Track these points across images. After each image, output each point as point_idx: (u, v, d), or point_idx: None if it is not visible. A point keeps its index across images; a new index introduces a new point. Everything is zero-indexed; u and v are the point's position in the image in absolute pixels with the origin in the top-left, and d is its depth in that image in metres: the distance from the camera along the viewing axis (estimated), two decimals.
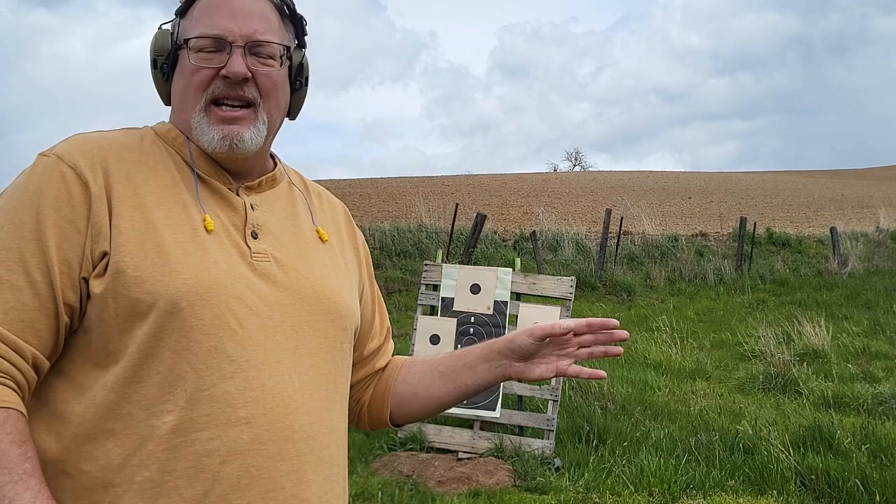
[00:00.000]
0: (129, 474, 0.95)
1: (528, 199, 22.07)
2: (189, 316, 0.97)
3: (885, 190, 29.14)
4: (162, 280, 0.97)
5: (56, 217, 0.97)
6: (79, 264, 0.98)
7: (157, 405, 0.96)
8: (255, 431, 0.99)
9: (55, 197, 0.98)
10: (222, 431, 0.97)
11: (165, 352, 0.97)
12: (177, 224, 1.02)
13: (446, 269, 5.20)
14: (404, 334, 7.97)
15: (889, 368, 7.06)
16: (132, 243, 0.98)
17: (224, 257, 1.03)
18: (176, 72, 1.09)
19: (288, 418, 1.01)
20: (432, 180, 28.54)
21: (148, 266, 0.97)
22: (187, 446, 0.96)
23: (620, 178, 34.59)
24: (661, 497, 4.11)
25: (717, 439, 4.79)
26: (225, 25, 1.05)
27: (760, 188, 30.54)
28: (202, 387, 0.97)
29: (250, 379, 0.99)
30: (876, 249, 13.94)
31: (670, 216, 18.95)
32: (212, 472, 0.96)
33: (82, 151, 1.02)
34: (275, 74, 1.09)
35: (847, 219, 17.13)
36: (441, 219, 14.03)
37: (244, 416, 0.98)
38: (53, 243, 0.97)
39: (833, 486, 4.12)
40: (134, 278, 0.97)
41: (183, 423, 0.96)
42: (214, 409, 0.97)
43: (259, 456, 0.99)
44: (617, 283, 11.55)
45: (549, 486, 4.21)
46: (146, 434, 0.96)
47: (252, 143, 1.07)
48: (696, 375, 6.90)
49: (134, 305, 0.96)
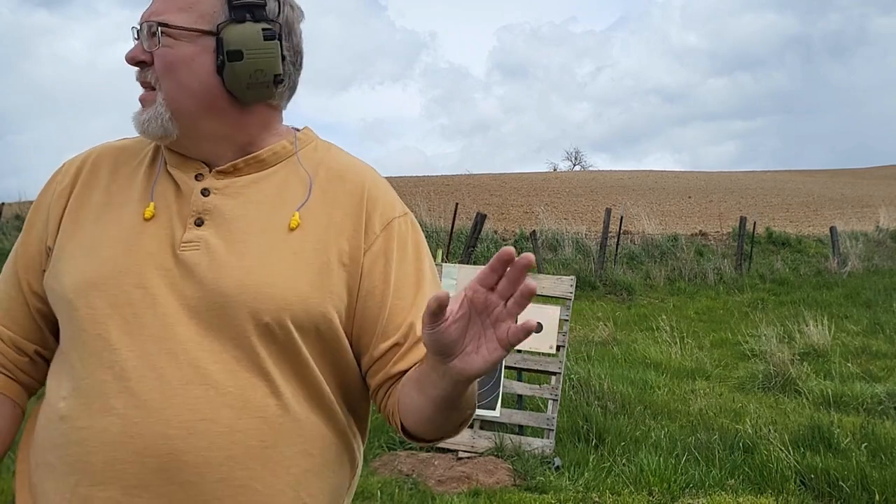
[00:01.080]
0: (37, 457, 1.02)
1: (528, 199, 22.07)
2: (79, 306, 1.00)
3: (885, 189, 29.14)
4: (72, 272, 1.02)
5: (35, 218, 1.11)
6: (41, 256, 1.09)
7: (58, 391, 1.01)
8: (123, 423, 0.95)
9: (40, 201, 1.12)
10: (93, 421, 0.96)
11: (66, 341, 1.03)
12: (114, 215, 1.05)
13: (446, 269, 5.20)
14: None
15: (889, 368, 7.06)
16: (66, 236, 1.06)
17: (148, 247, 1.01)
18: None
19: (164, 413, 0.95)
20: (432, 180, 28.54)
21: (68, 258, 1.04)
22: (68, 434, 0.98)
23: (620, 178, 34.59)
24: (661, 496, 4.11)
25: (717, 438, 4.79)
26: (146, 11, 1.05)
27: (760, 188, 30.54)
28: (83, 375, 0.99)
29: (129, 369, 0.96)
30: (876, 249, 13.94)
31: (670, 215, 18.96)
32: (82, 462, 0.96)
33: (78, 158, 1.12)
34: (169, 54, 1.01)
35: (847, 218, 17.13)
36: (441, 218, 14.04)
37: (115, 406, 0.95)
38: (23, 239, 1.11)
39: (833, 485, 4.12)
40: (57, 270, 1.04)
41: (67, 412, 0.99)
42: (90, 398, 0.97)
43: (124, 449, 0.94)
44: (617, 283, 11.56)
45: (549, 486, 4.22)
46: (49, 419, 1.01)
47: (153, 124, 1.02)
48: (696, 375, 6.90)
49: (55, 297, 1.04)
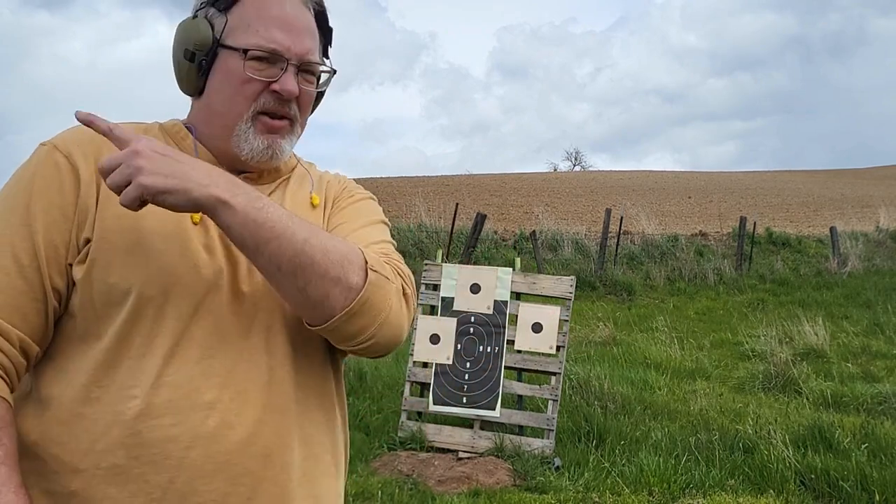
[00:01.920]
0: (96, 459, 0.95)
1: (528, 199, 22.07)
2: (162, 303, 0.98)
3: (885, 189, 29.14)
4: (138, 267, 0.98)
5: (46, 203, 1.00)
6: (66, 249, 1.00)
7: (125, 390, 0.96)
8: (221, 416, 0.98)
9: (46, 185, 1.01)
10: (184, 417, 0.96)
11: (137, 338, 0.98)
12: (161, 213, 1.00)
13: (446, 269, 5.21)
14: None
15: (889, 368, 7.06)
16: (113, 231, 1.00)
17: (203, 247, 1.03)
18: (217, 71, 1.08)
19: (256, 405, 1.01)
20: (432, 180, 28.54)
21: (125, 253, 0.99)
22: (150, 432, 0.95)
23: (620, 178, 34.59)
24: (661, 496, 4.11)
25: (717, 439, 4.79)
26: (282, 40, 1.06)
27: (760, 188, 30.54)
28: (167, 373, 0.97)
29: (216, 366, 0.99)
30: (876, 249, 13.94)
31: (670, 216, 18.95)
32: (176, 458, 0.96)
33: (79, 140, 1.04)
34: (313, 92, 1.13)
35: (847, 218, 17.12)
36: (441, 218, 14.04)
37: (209, 401, 0.98)
38: (42, 228, 0.99)
39: (832, 485, 4.12)
40: (111, 264, 0.98)
41: (146, 409, 0.96)
42: (177, 395, 0.97)
43: (226, 440, 0.98)
44: (617, 283, 11.56)
45: (549, 486, 4.22)
46: (111, 419, 0.96)
47: (287, 153, 1.11)
48: (696, 375, 6.90)
49: (110, 291, 0.98)
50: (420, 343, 5.07)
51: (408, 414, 5.04)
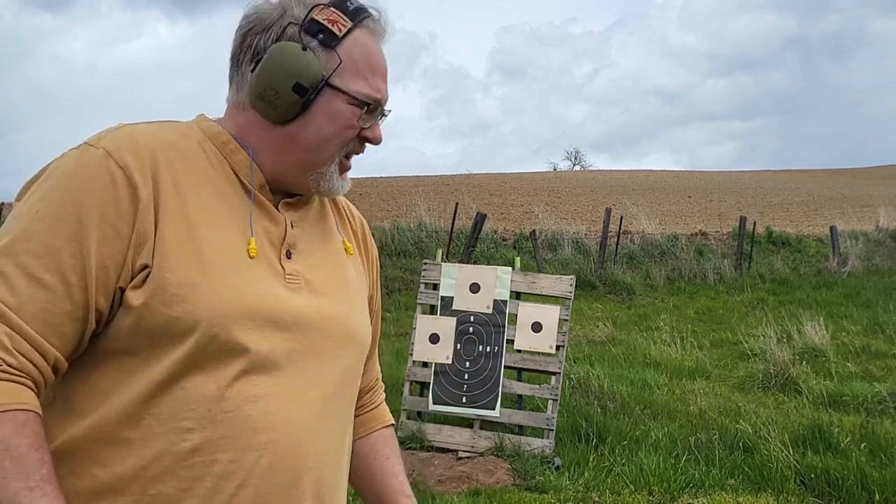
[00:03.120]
0: (142, 485, 0.94)
1: (528, 199, 22.07)
2: (225, 340, 0.96)
3: (885, 189, 29.15)
4: (202, 301, 0.95)
5: (100, 219, 0.93)
6: (116, 272, 0.94)
7: (179, 421, 0.95)
8: (272, 457, 0.98)
9: (101, 198, 0.93)
10: (242, 455, 0.96)
11: (196, 371, 0.96)
12: (219, 240, 0.99)
13: (446, 268, 5.20)
14: (404, 333, 7.97)
15: (888, 367, 7.06)
16: (175, 258, 0.95)
17: (262, 279, 1.01)
18: (319, 110, 1.04)
19: (304, 445, 1.01)
20: (432, 179, 28.54)
21: (189, 284, 0.95)
22: (206, 466, 0.95)
23: (620, 178, 34.59)
24: (661, 496, 4.11)
25: (717, 438, 4.79)
26: (383, 90, 1.06)
27: (760, 187, 30.54)
28: (226, 409, 0.96)
29: (272, 403, 0.99)
30: (876, 248, 13.94)
31: (670, 215, 18.96)
32: (227, 495, 0.96)
33: (133, 150, 0.97)
34: None
35: (847, 218, 17.12)
36: (441, 218, 14.04)
37: (264, 442, 0.98)
38: (94, 247, 0.92)
39: (832, 485, 4.12)
40: (175, 296, 0.94)
41: (204, 443, 0.95)
42: (235, 431, 0.96)
43: (273, 482, 0.98)
44: (616, 283, 11.56)
45: (548, 486, 4.22)
46: (164, 449, 0.94)
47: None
48: (696, 374, 6.90)
49: (172, 323, 0.94)
50: (419, 343, 5.07)
51: (407, 413, 5.04)
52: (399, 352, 7.02)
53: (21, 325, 0.90)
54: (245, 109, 1.07)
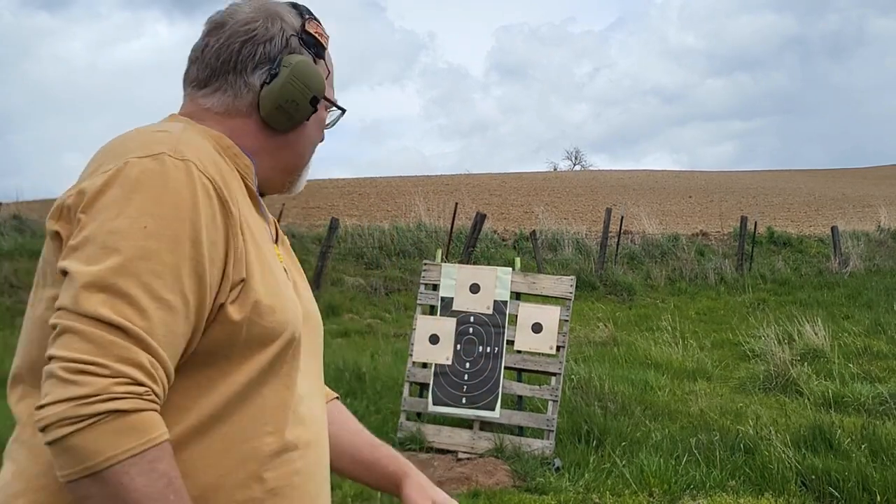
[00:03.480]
0: (228, 493, 0.95)
1: (528, 199, 22.06)
2: (298, 345, 1.02)
3: (886, 189, 29.13)
4: (285, 310, 1.00)
5: (206, 237, 0.91)
6: (217, 288, 0.93)
7: (259, 426, 0.97)
8: (317, 452, 1.07)
9: (206, 214, 0.92)
10: (305, 451, 1.03)
11: (274, 377, 0.99)
12: (271, 251, 1.05)
13: (446, 269, 5.19)
14: (404, 334, 7.96)
15: (890, 368, 7.05)
16: (259, 271, 0.98)
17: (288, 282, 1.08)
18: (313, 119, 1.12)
19: (326, 440, 1.12)
20: (432, 179, 28.54)
21: (275, 295, 0.99)
22: (284, 465, 0.99)
23: (620, 178, 34.59)
24: (662, 497, 4.10)
25: (718, 439, 4.77)
26: None
27: (761, 187, 30.53)
28: (293, 409, 1.02)
29: (310, 403, 1.07)
30: (877, 249, 13.92)
31: (670, 215, 18.94)
32: (300, 490, 1.02)
33: (212, 163, 0.96)
34: None
35: (848, 218, 17.11)
36: (441, 218, 14.03)
37: (311, 439, 1.05)
38: (208, 267, 0.91)
39: (834, 486, 4.10)
40: (268, 308, 0.97)
41: (283, 445, 0.99)
42: (298, 431, 1.02)
43: (318, 475, 1.07)
44: (617, 283, 11.55)
45: (548, 487, 4.20)
46: (246, 454, 0.96)
47: None
48: (697, 375, 6.89)
49: (265, 334, 0.97)
50: (419, 343, 5.06)
51: (407, 414, 5.02)
52: (398, 352, 7.00)
53: (158, 351, 0.87)
54: (240, 116, 1.06)
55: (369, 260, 12.61)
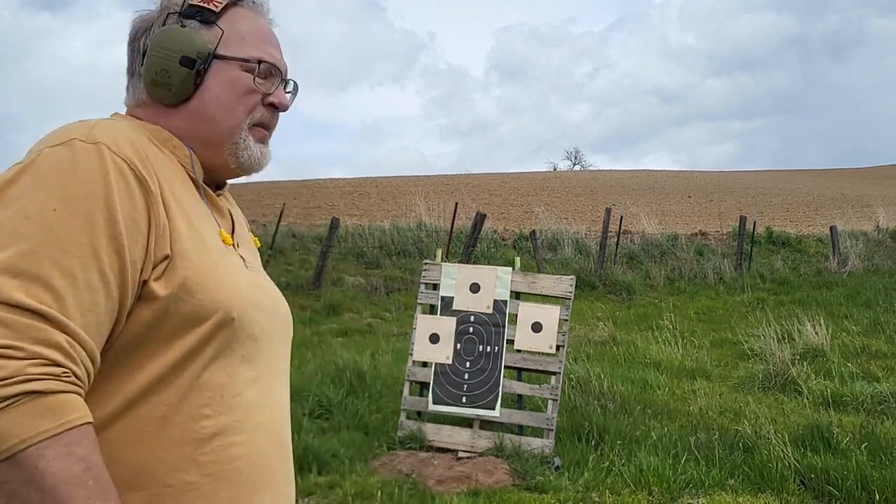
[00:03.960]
0: (162, 477, 0.94)
1: (528, 199, 22.06)
2: (236, 326, 1.00)
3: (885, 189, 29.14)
4: (219, 289, 0.98)
5: (122, 214, 0.92)
6: (141, 266, 0.94)
7: (196, 409, 0.96)
8: (271, 436, 1.05)
9: (119, 191, 0.92)
10: (250, 436, 1.01)
11: (207, 359, 0.98)
12: (210, 233, 1.04)
13: (446, 268, 5.20)
14: (404, 333, 7.97)
15: (889, 368, 7.06)
16: (189, 249, 0.98)
17: (240, 267, 1.07)
18: (213, 80, 1.07)
19: (284, 424, 1.10)
20: (432, 179, 28.54)
21: (207, 274, 0.98)
22: (223, 450, 0.98)
23: (620, 178, 34.59)
24: (661, 496, 4.11)
25: (717, 438, 4.79)
26: (277, 57, 1.11)
27: (760, 187, 30.54)
28: (234, 392, 1.00)
29: (263, 386, 1.05)
30: (876, 248, 13.94)
31: (670, 215, 18.95)
32: (245, 475, 1.00)
33: (128, 144, 0.97)
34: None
35: (847, 218, 17.12)
36: (441, 218, 14.04)
37: (262, 422, 1.03)
38: (128, 243, 0.92)
39: (832, 485, 4.11)
40: (197, 284, 0.96)
41: (222, 429, 0.98)
42: (243, 414, 1.01)
43: (273, 459, 1.05)
44: (616, 282, 11.56)
45: (548, 486, 4.21)
46: (182, 437, 0.95)
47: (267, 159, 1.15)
48: (696, 374, 6.90)
49: (195, 311, 0.96)
50: (419, 342, 5.07)
51: (407, 413, 5.03)
52: (399, 351, 7.01)
53: (77, 331, 0.87)
54: (146, 104, 1.09)
55: (370, 259, 12.62)
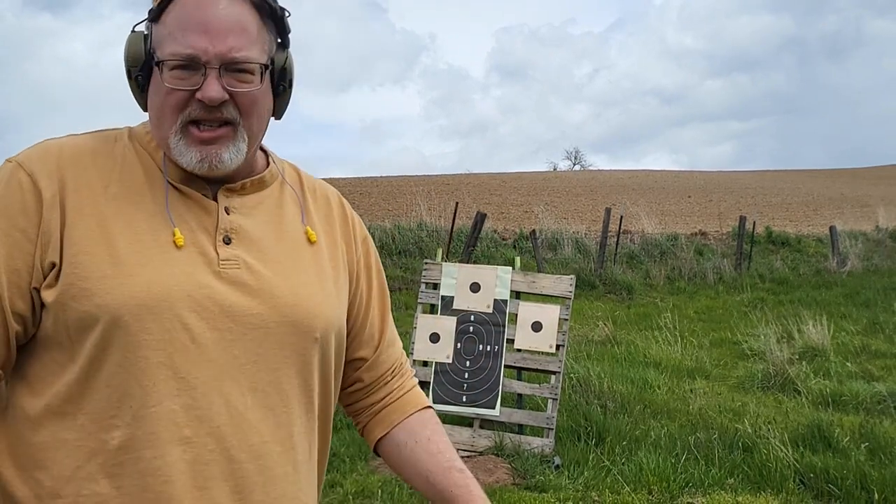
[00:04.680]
0: (77, 487, 0.95)
1: (528, 198, 22.07)
2: (136, 331, 0.95)
3: (884, 189, 29.16)
4: (110, 293, 0.95)
5: (7, 225, 0.96)
6: (29, 274, 0.96)
7: (106, 419, 0.95)
8: (197, 451, 0.97)
9: (8, 204, 0.97)
10: (166, 450, 0.96)
11: (112, 366, 0.95)
12: (136, 234, 0.99)
13: (446, 268, 5.21)
14: (404, 332, 7.96)
15: (888, 367, 7.07)
16: (84, 254, 0.96)
17: (186, 267, 1.00)
18: (151, 84, 1.03)
19: (234, 437, 0.99)
20: (432, 179, 28.54)
21: (97, 278, 0.96)
22: (133, 464, 0.95)
23: (620, 178, 34.60)
24: (661, 495, 4.12)
25: (717, 438, 4.80)
26: (198, 44, 0.98)
27: (760, 187, 30.55)
28: (148, 404, 0.95)
29: (198, 397, 0.97)
30: (875, 248, 13.96)
31: (670, 215, 18.96)
32: (155, 492, 0.96)
33: (42, 158, 1.01)
34: (255, 91, 1.03)
35: (846, 218, 17.15)
36: (441, 217, 14.03)
37: (188, 436, 0.97)
38: (3, 253, 0.96)
39: (832, 484, 4.12)
40: (82, 290, 0.95)
41: (129, 441, 0.95)
42: (159, 427, 0.96)
43: (201, 476, 0.97)
44: (616, 282, 11.57)
45: (548, 485, 4.22)
46: (96, 447, 0.95)
47: (232, 161, 1.03)
48: (696, 374, 6.91)
49: (82, 317, 0.95)
50: (420, 342, 5.08)
51: None
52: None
53: None
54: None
55: None
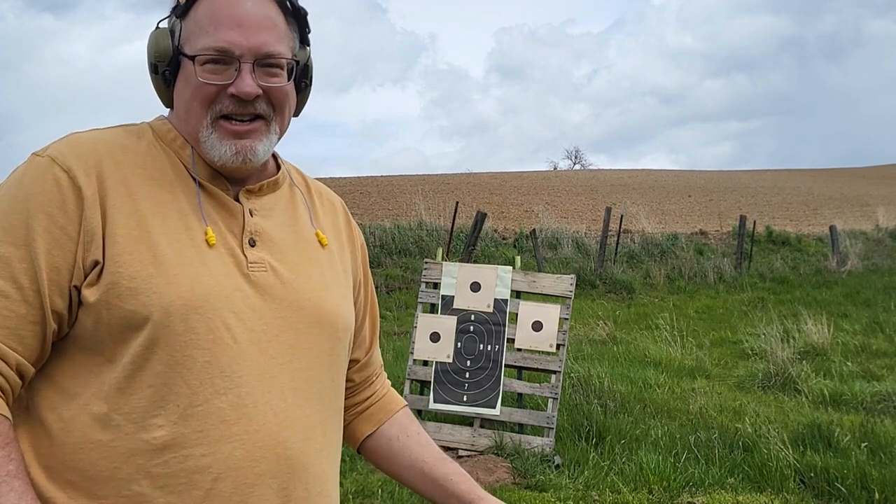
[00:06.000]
0: (116, 487, 0.95)
1: (528, 198, 22.07)
2: (183, 330, 0.96)
3: (884, 189, 29.16)
4: (157, 292, 0.95)
5: (47, 223, 0.95)
6: (69, 272, 0.96)
7: (148, 419, 0.95)
8: (247, 448, 0.98)
9: (47, 201, 0.96)
10: (215, 448, 0.96)
11: (158, 365, 0.95)
12: (173, 233, 1.00)
13: (446, 267, 5.21)
14: (404, 332, 7.98)
15: (888, 366, 7.07)
16: (127, 253, 0.96)
17: (220, 268, 1.01)
18: (179, 79, 1.05)
19: (281, 434, 1.01)
20: (433, 178, 28.52)
21: (143, 277, 0.96)
22: (179, 462, 0.95)
23: (620, 177, 34.59)
24: (661, 495, 4.12)
25: (717, 437, 4.80)
26: (232, 38, 1.01)
27: (760, 186, 30.55)
28: (195, 402, 0.96)
29: (243, 395, 0.99)
30: (875, 248, 13.96)
31: (670, 214, 18.96)
32: (203, 489, 0.96)
33: (77, 153, 0.99)
34: (286, 87, 1.06)
35: (846, 217, 17.15)
36: (441, 217, 14.03)
37: (237, 433, 0.98)
38: (43, 250, 0.94)
39: (832, 484, 4.12)
40: (129, 289, 0.95)
41: (175, 439, 0.95)
42: (207, 425, 0.96)
43: (251, 473, 0.98)
44: (617, 282, 11.57)
45: (548, 484, 4.22)
46: (135, 447, 0.95)
47: (264, 155, 1.06)
48: (696, 373, 6.91)
49: (128, 317, 0.95)
50: (420, 341, 5.08)
51: None
52: (400, 350, 7.02)
53: None
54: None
55: (371, 258, 12.58)
